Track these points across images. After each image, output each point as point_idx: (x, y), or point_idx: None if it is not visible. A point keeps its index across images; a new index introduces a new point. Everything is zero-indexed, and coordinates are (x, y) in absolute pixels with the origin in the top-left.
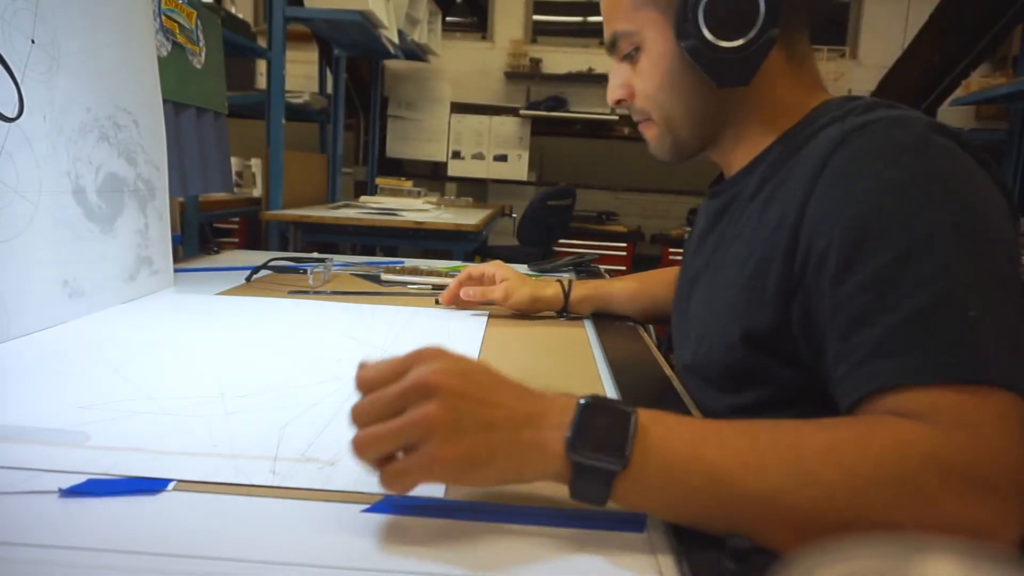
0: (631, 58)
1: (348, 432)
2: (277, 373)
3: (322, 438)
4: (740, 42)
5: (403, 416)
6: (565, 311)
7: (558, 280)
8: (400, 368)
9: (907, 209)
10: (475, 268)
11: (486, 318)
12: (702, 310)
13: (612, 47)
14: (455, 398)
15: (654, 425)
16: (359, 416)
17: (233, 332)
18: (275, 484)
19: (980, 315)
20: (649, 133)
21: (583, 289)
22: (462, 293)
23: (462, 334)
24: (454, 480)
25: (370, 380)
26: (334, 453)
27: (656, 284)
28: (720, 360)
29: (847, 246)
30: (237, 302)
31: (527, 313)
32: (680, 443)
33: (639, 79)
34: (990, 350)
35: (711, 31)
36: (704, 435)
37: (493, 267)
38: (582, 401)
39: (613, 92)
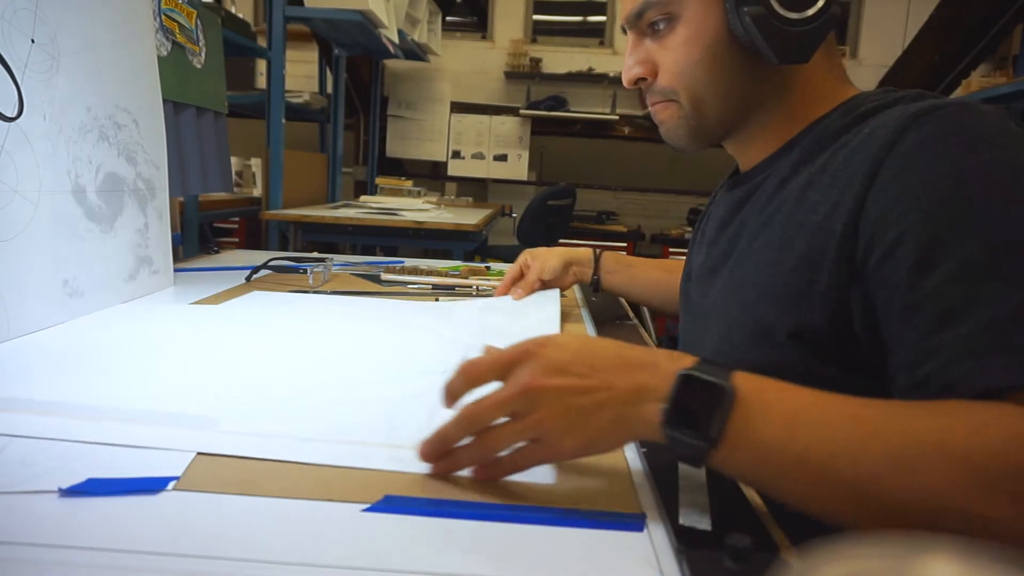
0: (656, 32)
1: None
2: (380, 368)
3: (430, 428)
4: (810, 12)
5: (517, 422)
6: (596, 279)
7: (589, 248)
8: (503, 365)
9: (995, 197)
10: (512, 268)
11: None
12: (725, 305)
13: (638, 18)
14: (559, 396)
15: (754, 400)
16: (467, 423)
17: (315, 326)
18: (398, 470)
19: None
20: (667, 115)
21: (612, 261)
22: (512, 296)
23: (537, 325)
24: (571, 458)
25: (476, 376)
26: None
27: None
28: (750, 358)
29: (928, 236)
30: (310, 299)
31: (562, 288)
32: (776, 424)
33: (669, 53)
34: None
35: (780, 1)
36: (803, 416)
37: (523, 257)
38: (681, 373)
39: (631, 70)
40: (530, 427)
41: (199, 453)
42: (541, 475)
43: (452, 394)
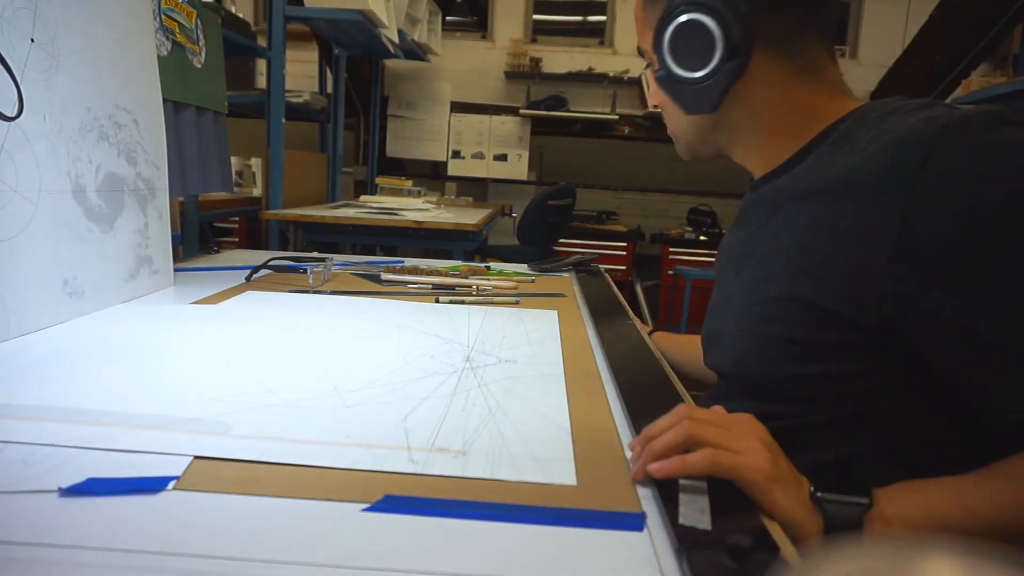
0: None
1: (468, 424)
2: (380, 369)
3: (443, 429)
4: (701, 73)
5: (731, 431)
6: None
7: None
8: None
9: None
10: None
11: (556, 314)
12: (746, 297)
13: (642, 56)
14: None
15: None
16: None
17: (315, 326)
18: (417, 472)
19: None
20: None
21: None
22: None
23: (537, 332)
24: (760, 489)
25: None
26: (461, 443)
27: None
28: (759, 350)
29: (990, 265)
30: (310, 299)
31: None
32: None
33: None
34: None
35: (676, 62)
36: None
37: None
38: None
39: (650, 98)
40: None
41: (200, 457)
42: (561, 477)
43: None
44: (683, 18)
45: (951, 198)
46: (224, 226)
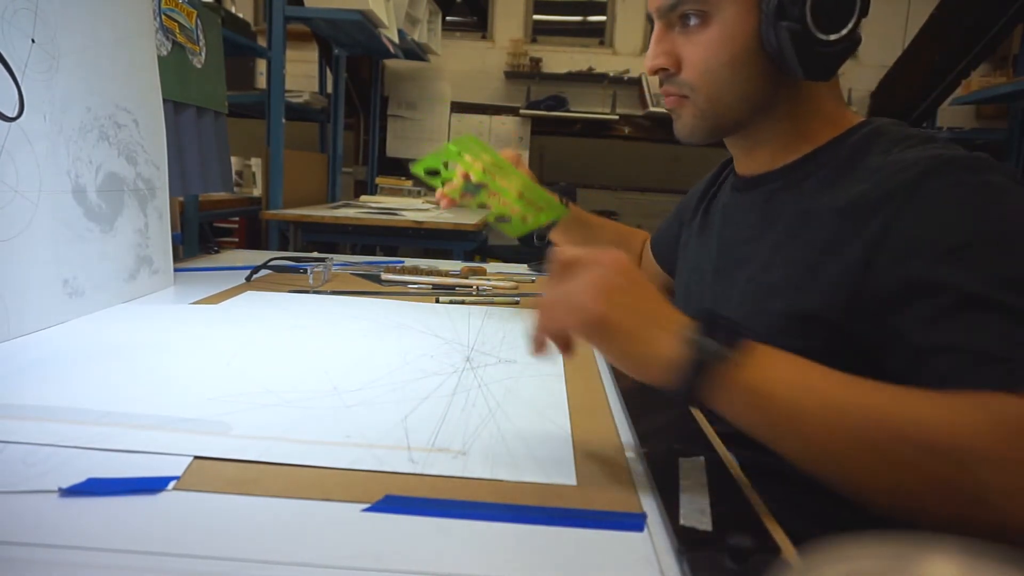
0: (686, 26)
1: (468, 424)
2: (380, 369)
3: (444, 429)
4: (842, 33)
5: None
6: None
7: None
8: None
9: (1010, 246)
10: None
11: None
12: (746, 313)
13: (671, 9)
14: (609, 289)
15: (766, 349)
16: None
17: (315, 326)
18: (417, 472)
19: None
20: (684, 111)
21: (573, 216)
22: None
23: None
24: (588, 334)
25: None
26: (461, 443)
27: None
28: None
29: (950, 270)
30: (309, 299)
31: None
32: (792, 371)
33: (696, 50)
34: None
35: (814, 20)
36: (817, 369)
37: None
38: (705, 311)
39: (656, 58)
40: (583, 296)
41: (200, 457)
42: (561, 478)
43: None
44: None
45: (927, 219)
46: (224, 226)
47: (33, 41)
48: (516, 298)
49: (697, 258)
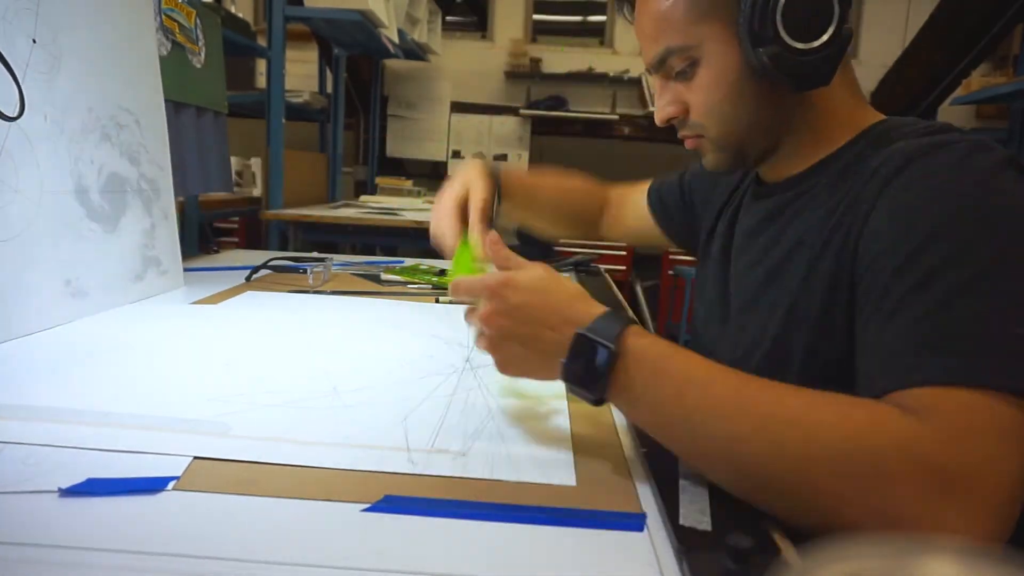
0: (684, 74)
1: (468, 425)
2: (380, 369)
3: (443, 430)
4: (823, 39)
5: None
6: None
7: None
8: (478, 293)
9: (971, 228)
10: (449, 207)
11: None
12: (759, 316)
13: (661, 65)
14: (499, 339)
15: (641, 358)
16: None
17: (315, 326)
18: (417, 472)
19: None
20: (705, 148)
21: (515, 185)
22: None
23: None
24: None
25: (460, 293)
26: (461, 444)
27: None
28: (780, 369)
29: (905, 249)
30: (309, 299)
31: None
32: (662, 382)
33: (698, 94)
34: (1010, 359)
35: (790, 34)
36: (694, 376)
37: (446, 202)
38: (577, 332)
39: (664, 111)
40: (484, 347)
41: (200, 457)
42: (561, 478)
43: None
44: None
45: (901, 196)
46: (224, 226)
47: (34, 41)
48: None
49: (714, 290)
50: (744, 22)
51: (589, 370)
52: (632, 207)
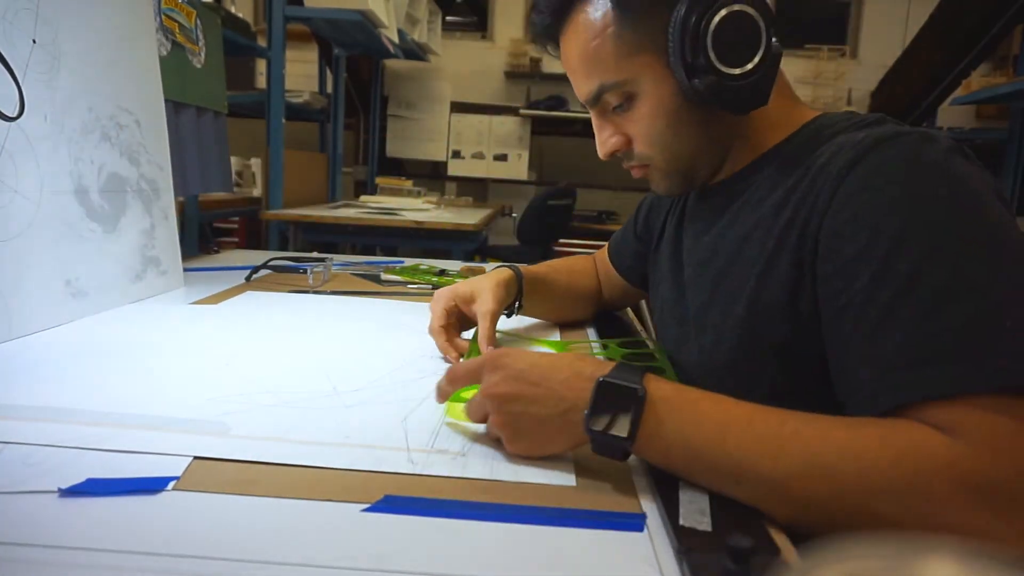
0: (621, 107)
1: (467, 424)
2: (380, 369)
3: (443, 430)
4: (756, 61)
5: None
6: (520, 299)
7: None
8: (476, 372)
9: (940, 223)
10: (438, 319)
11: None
12: (713, 315)
13: (596, 101)
14: (510, 405)
15: (669, 400)
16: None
17: (315, 326)
18: (416, 472)
19: (1014, 326)
20: (653, 176)
21: (530, 283)
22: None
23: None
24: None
25: (455, 380)
26: (460, 444)
27: (579, 275)
28: (740, 368)
29: (878, 253)
30: (309, 299)
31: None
32: (700, 423)
33: (639, 125)
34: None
35: (722, 62)
36: (729, 420)
37: (437, 303)
38: (599, 380)
39: (606, 145)
40: (493, 427)
41: (200, 457)
42: (561, 478)
43: (442, 395)
44: (723, 12)
45: (861, 192)
46: (224, 226)
47: (34, 41)
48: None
49: (662, 267)
50: (675, 54)
51: (617, 419)
52: (606, 276)
